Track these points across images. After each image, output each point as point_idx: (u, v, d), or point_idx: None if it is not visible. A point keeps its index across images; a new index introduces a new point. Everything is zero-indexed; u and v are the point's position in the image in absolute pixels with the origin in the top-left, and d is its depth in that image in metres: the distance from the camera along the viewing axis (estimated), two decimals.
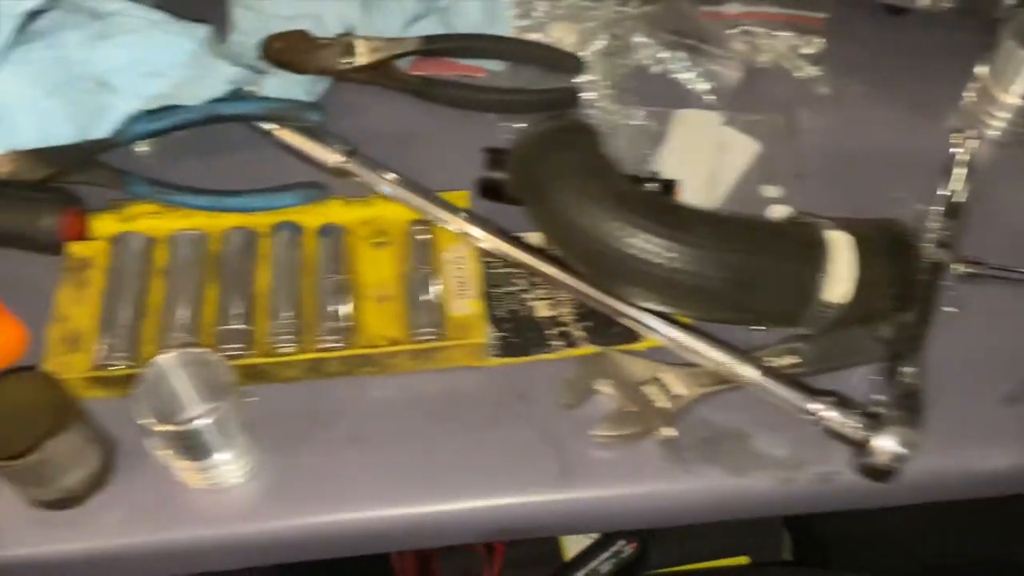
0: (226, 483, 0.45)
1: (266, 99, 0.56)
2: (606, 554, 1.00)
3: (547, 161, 0.48)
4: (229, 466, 0.44)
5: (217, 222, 0.53)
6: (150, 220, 0.52)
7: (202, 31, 0.55)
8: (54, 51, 0.51)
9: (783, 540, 1.04)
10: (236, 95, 0.55)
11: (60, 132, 0.50)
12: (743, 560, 1.03)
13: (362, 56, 0.61)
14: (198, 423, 0.40)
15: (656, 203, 0.49)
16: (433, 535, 0.47)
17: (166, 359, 0.42)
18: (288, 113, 0.54)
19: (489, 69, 0.65)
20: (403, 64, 0.64)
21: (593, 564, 0.99)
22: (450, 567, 0.96)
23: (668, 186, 0.54)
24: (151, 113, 0.53)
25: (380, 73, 0.62)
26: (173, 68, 0.53)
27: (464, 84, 0.63)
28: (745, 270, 0.45)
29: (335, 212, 0.54)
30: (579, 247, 0.47)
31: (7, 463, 0.39)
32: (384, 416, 0.48)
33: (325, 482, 0.46)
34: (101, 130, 0.52)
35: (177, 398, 0.43)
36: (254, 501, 0.45)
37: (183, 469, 0.43)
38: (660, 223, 0.45)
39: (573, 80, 0.63)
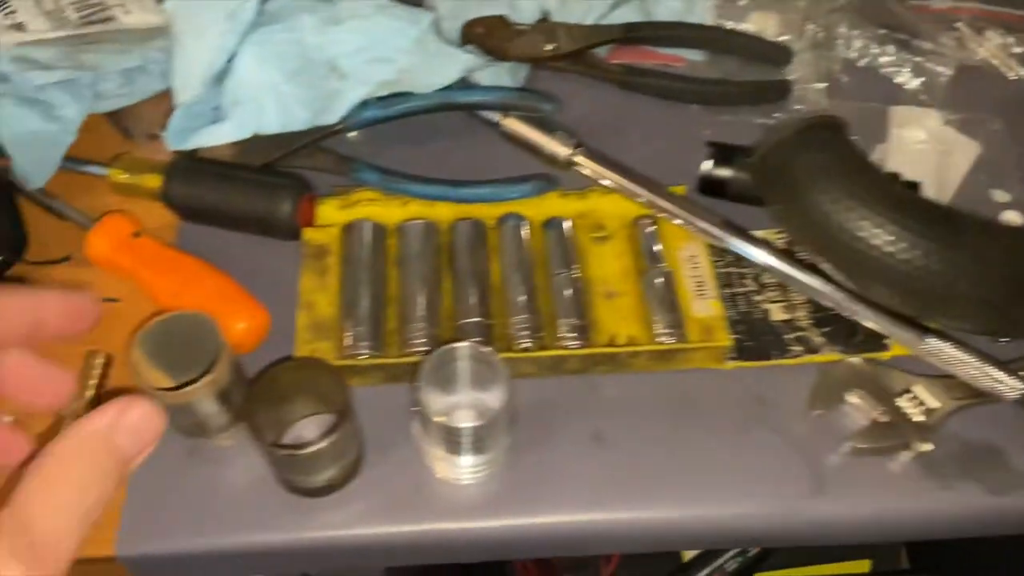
0: (474, 478, 0.44)
1: (493, 88, 0.55)
2: (731, 552, 0.99)
3: (805, 160, 0.46)
4: (483, 464, 0.43)
5: (438, 212, 0.52)
6: (371, 207, 0.52)
7: (426, 17, 0.54)
8: (291, 35, 0.50)
9: (900, 546, 1.02)
10: (460, 83, 0.54)
11: (298, 117, 0.50)
12: (864, 565, 1.02)
13: (562, 43, 0.60)
14: (471, 424, 0.39)
15: (929, 207, 0.47)
16: (679, 540, 0.46)
17: (451, 350, 0.41)
18: (523, 102, 0.53)
19: (688, 59, 0.64)
20: (600, 52, 0.62)
21: (718, 562, 0.99)
22: (567, 561, 0.95)
23: (912, 188, 0.51)
24: (381, 99, 0.52)
25: (580, 61, 0.61)
26: (399, 54, 0.52)
27: (669, 74, 0.61)
28: None
29: (553, 205, 0.53)
30: (841, 250, 0.45)
31: (294, 451, 0.39)
32: (623, 416, 0.47)
33: (569, 481, 0.45)
34: (332, 116, 0.51)
35: (453, 391, 0.42)
36: (498, 497, 0.44)
37: (437, 458, 0.43)
38: (937, 229, 0.43)
39: (781, 72, 0.61)
